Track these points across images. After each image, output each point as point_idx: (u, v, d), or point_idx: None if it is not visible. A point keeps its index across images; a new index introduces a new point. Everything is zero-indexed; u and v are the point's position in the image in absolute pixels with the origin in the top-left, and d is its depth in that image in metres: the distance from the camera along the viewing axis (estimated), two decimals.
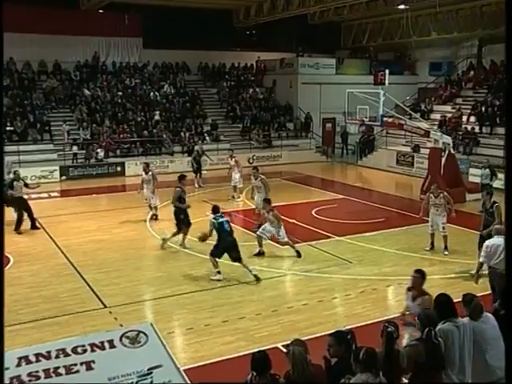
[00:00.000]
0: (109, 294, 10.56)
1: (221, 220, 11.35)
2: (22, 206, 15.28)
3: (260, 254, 12.91)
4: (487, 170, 17.81)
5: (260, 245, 12.96)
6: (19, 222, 15.17)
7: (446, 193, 13.50)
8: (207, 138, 28.21)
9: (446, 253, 13.09)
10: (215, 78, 32.64)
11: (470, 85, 29.35)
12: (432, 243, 13.40)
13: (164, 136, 27.00)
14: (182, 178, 14.06)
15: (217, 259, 11.44)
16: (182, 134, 27.49)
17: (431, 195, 13.25)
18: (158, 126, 27.43)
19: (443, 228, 13.17)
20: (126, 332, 5.54)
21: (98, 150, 24.99)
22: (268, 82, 33.52)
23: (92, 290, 10.85)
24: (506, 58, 3.76)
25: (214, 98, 31.83)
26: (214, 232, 11.47)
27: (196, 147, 24.53)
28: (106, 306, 10.06)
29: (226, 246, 11.34)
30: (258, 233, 13.07)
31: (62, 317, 9.57)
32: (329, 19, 32.19)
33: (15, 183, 15.33)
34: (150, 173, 16.44)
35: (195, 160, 22.56)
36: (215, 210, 11.60)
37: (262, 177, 15.45)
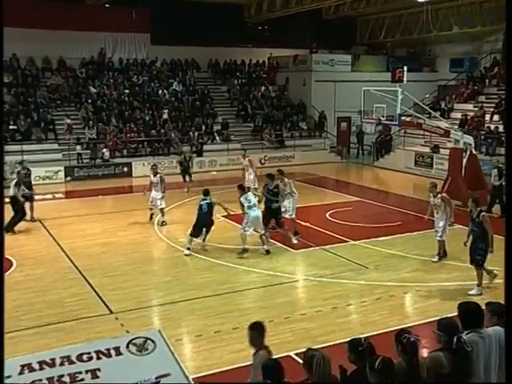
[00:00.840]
0: (115, 300, 10.58)
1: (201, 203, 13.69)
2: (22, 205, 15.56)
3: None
4: (495, 170, 17.47)
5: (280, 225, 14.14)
6: (16, 221, 15.29)
7: (445, 194, 13.23)
8: (217, 137, 28.37)
9: (434, 259, 12.79)
10: (226, 75, 32.77)
11: (494, 81, 29.15)
12: (441, 251, 12.90)
13: (172, 135, 27.14)
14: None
15: (196, 239, 13.63)
16: (191, 133, 27.61)
17: (430, 194, 12.85)
18: (167, 126, 27.57)
19: (437, 231, 12.79)
20: (133, 339, 5.55)
21: (104, 150, 25.15)
22: (281, 79, 33.58)
23: (98, 295, 10.89)
24: (506, 58, 3.69)
25: (225, 96, 31.94)
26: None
27: (184, 148, 24.53)
28: (112, 312, 10.10)
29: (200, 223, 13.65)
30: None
31: (66, 323, 9.60)
32: (344, 14, 32.21)
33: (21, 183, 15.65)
34: (158, 175, 16.45)
35: (181, 164, 22.08)
36: (205, 192, 14.03)
37: (286, 180, 14.96)
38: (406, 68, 18.63)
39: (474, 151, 19.86)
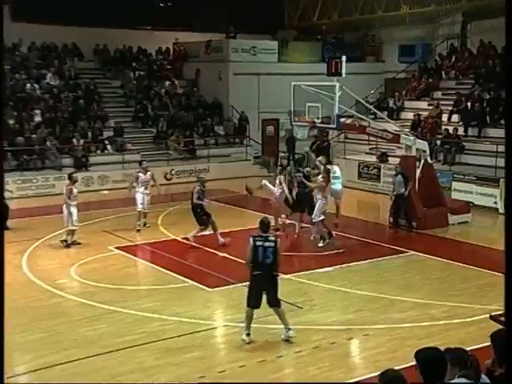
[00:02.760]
0: None
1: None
2: None
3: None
4: (399, 176, 18.87)
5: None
6: None
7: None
8: (109, 146, 28.04)
9: (320, 244, 16.60)
10: (118, 66, 32.51)
11: (452, 74, 30.22)
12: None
13: (48, 144, 26.53)
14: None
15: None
16: (75, 141, 27.17)
17: None
18: (40, 131, 26.95)
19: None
20: None
21: None
22: (190, 71, 33.63)
23: None
24: (505, 55, 3.95)
25: (118, 93, 31.72)
26: None
27: None
28: None
29: None
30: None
31: None
32: None
33: None
34: (150, 172, 19.22)
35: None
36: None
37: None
38: (344, 58, 18.82)
39: (429, 160, 20.25)
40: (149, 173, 19.31)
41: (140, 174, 19.11)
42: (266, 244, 10.74)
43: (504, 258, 5.20)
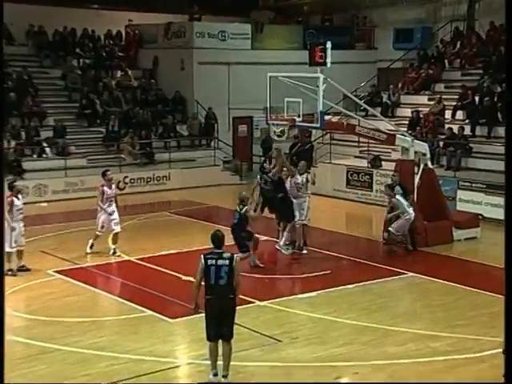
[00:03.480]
0: None
1: None
2: None
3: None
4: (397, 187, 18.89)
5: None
6: None
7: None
8: (47, 149, 27.80)
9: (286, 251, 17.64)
10: (58, 52, 32.31)
11: (457, 63, 30.35)
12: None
13: None
14: None
15: None
16: (6, 143, 26.86)
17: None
18: None
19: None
20: None
21: None
22: (146, 60, 33.60)
23: None
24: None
25: (58, 85, 31.57)
26: None
27: None
28: None
29: None
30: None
31: None
32: None
33: None
34: (114, 186, 18.80)
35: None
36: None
37: None
38: (330, 44, 18.59)
39: (430, 164, 20.31)
40: (113, 185, 18.90)
41: (105, 189, 18.34)
42: (220, 262, 10.55)
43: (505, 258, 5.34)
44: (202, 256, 10.70)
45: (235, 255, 10.97)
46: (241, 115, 31.91)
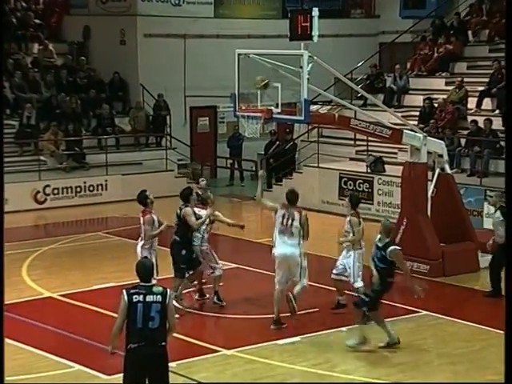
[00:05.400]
0: None
1: None
2: None
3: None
4: (497, 212, 17.41)
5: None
6: None
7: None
8: None
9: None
10: None
11: (484, 35, 29.53)
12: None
13: None
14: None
15: None
16: None
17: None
18: None
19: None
20: None
21: None
22: (73, 30, 33.20)
23: None
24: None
25: None
26: None
27: None
28: None
29: None
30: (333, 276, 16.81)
31: None
32: None
33: None
34: None
35: None
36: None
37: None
38: (317, 11, 18.18)
39: (447, 169, 19.98)
40: None
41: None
42: (149, 298, 9.94)
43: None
44: (125, 291, 9.95)
45: (168, 290, 10.17)
46: (201, 105, 31.97)
